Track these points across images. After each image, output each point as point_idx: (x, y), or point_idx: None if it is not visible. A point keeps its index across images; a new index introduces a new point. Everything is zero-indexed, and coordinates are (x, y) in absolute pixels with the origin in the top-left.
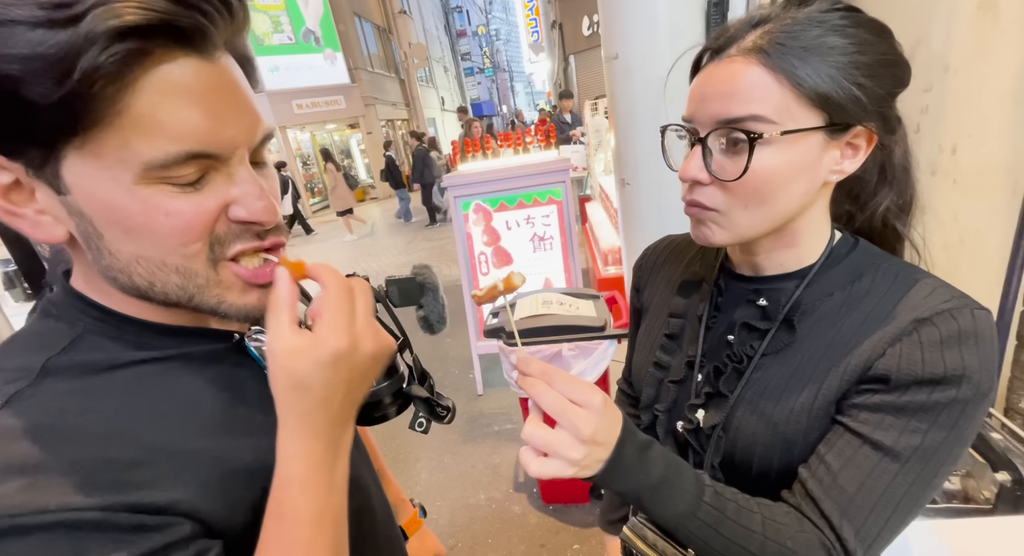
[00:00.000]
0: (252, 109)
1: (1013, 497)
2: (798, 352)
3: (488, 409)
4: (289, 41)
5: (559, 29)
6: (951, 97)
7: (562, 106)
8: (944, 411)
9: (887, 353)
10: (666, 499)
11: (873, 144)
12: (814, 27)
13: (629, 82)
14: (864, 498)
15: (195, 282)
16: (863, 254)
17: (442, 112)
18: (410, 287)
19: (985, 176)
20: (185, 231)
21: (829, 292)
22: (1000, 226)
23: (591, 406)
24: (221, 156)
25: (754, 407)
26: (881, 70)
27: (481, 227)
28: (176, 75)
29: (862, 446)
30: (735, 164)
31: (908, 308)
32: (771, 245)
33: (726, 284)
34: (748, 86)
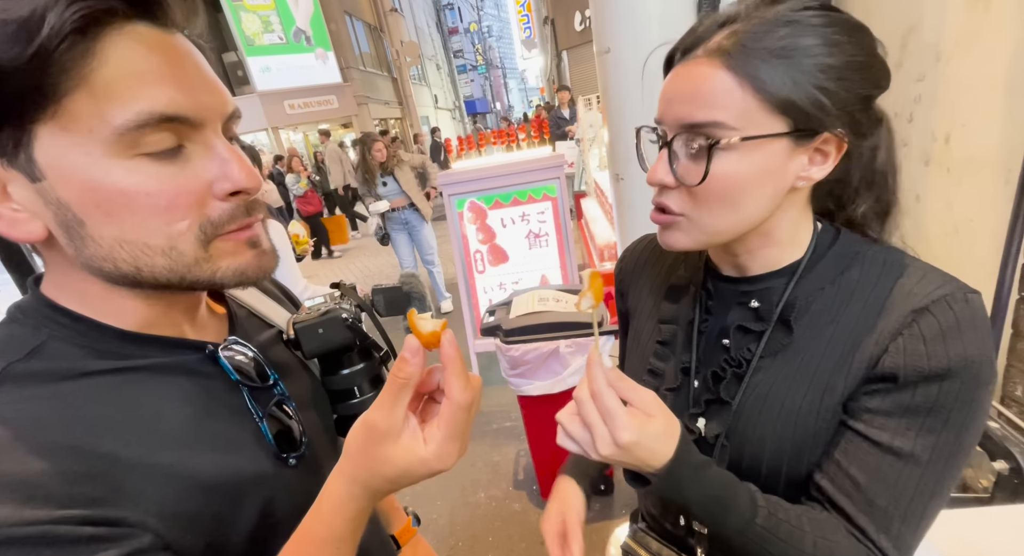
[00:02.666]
0: (218, 83)
1: (1011, 485)
2: (798, 352)
3: (486, 407)
4: (280, 41)
5: (551, 25)
6: (943, 86)
7: (560, 99)
8: (954, 406)
9: (890, 349)
10: (718, 515)
11: (843, 150)
12: (782, 27)
13: (621, 76)
14: (895, 508)
15: (182, 262)
16: (846, 243)
17: (436, 110)
18: (397, 296)
19: (978, 165)
20: (169, 208)
21: (820, 286)
22: (993, 215)
23: (641, 417)
24: (193, 120)
25: (758, 413)
26: (850, 73)
27: (476, 225)
28: (139, 41)
29: (883, 455)
30: (698, 169)
31: (902, 296)
32: (748, 246)
33: (714, 286)
34: (710, 90)
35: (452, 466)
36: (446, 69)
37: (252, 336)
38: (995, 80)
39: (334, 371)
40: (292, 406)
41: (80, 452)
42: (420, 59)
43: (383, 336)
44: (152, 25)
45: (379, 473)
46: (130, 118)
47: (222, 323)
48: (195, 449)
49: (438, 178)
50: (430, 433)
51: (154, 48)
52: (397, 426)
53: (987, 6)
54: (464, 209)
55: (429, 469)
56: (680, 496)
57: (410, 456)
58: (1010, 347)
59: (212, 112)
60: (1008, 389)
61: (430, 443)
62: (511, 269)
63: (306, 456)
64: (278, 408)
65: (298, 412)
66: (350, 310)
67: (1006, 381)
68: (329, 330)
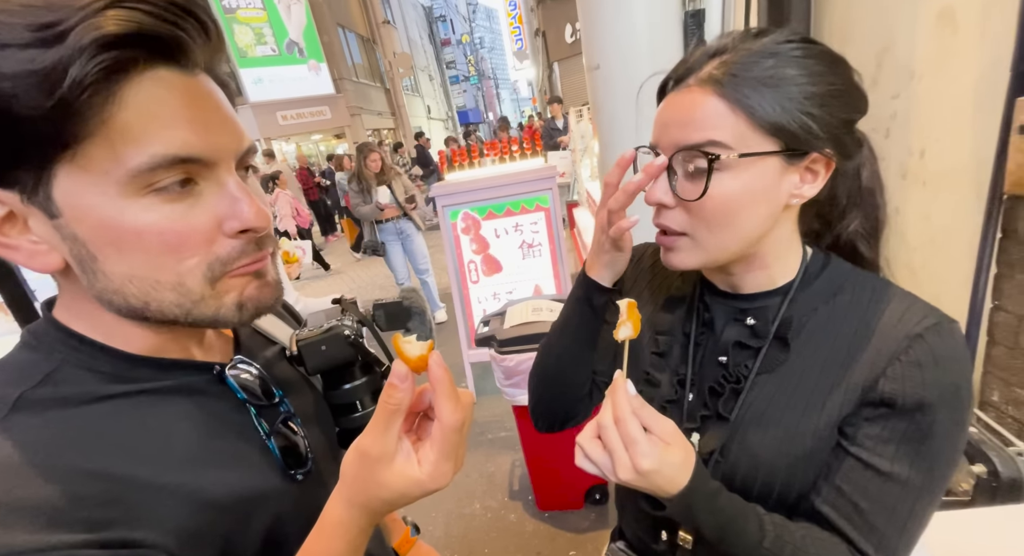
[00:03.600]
0: (235, 121)
1: (989, 488)
2: (794, 370)
3: (481, 417)
4: (272, 53)
5: (542, 37)
6: (917, 103)
7: (552, 111)
8: (944, 432)
9: (888, 373)
10: (729, 539)
11: (831, 169)
12: (768, 58)
13: (611, 91)
14: (893, 529)
15: (190, 298)
16: (837, 269)
17: (428, 120)
18: (397, 311)
19: (952, 178)
20: (179, 246)
21: (813, 307)
22: (968, 226)
23: (661, 446)
24: (206, 160)
25: (755, 430)
26: (832, 100)
27: (470, 235)
28: (159, 85)
29: (884, 482)
30: (697, 187)
31: (893, 321)
32: (743, 268)
33: (711, 301)
34: (704, 115)
35: (448, 484)
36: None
37: (257, 354)
38: (964, 98)
39: (336, 386)
40: (297, 422)
41: (95, 476)
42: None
43: (384, 351)
44: (174, 68)
45: (376, 496)
46: (144, 161)
47: (228, 342)
48: (206, 469)
49: (432, 189)
50: (424, 454)
51: (173, 91)
52: (390, 451)
53: (954, 29)
54: (458, 220)
55: (425, 490)
56: (693, 521)
57: (405, 479)
58: (986, 354)
59: (225, 151)
60: (986, 395)
61: (424, 464)
62: (505, 279)
63: (312, 471)
64: (284, 425)
65: (303, 428)
66: (352, 326)
67: (983, 387)
68: (332, 346)
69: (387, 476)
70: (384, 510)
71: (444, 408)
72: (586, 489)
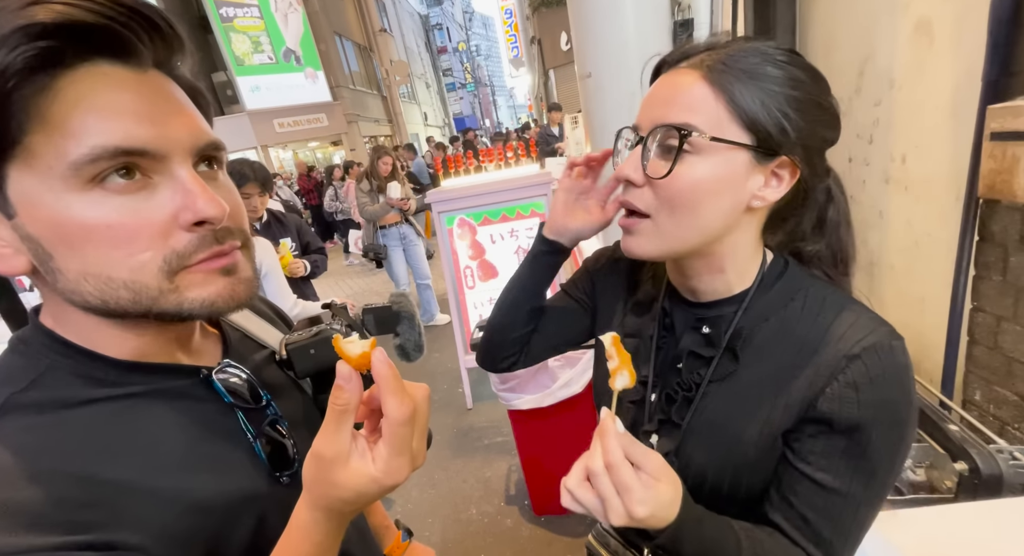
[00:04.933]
0: (191, 116)
1: (971, 485)
2: (742, 380)
3: (478, 423)
4: (269, 61)
5: (538, 44)
6: (898, 110)
7: (550, 118)
8: (883, 447)
9: (826, 392)
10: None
11: (796, 177)
12: (756, 56)
13: (602, 99)
14: (838, 537)
15: (147, 294)
16: (792, 277)
17: (425, 127)
18: (387, 316)
19: (932, 183)
20: (130, 241)
21: (765, 317)
22: (948, 230)
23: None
24: (153, 152)
25: (704, 437)
26: (811, 108)
27: (466, 241)
28: (99, 79)
29: (828, 495)
30: (666, 165)
31: (835, 338)
32: (700, 269)
33: (672, 307)
34: (688, 95)
35: (405, 479)
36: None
37: (246, 357)
38: (942, 105)
39: (326, 389)
40: (285, 425)
41: (80, 479)
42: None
43: None
44: (118, 64)
45: (335, 497)
46: (84, 152)
47: (216, 346)
48: (192, 472)
49: (428, 195)
50: (377, 452)
51: (116, 85)
52: (344, 451)
53: (931, 40)
54: (454, 226)
55: (382, 486)
56: (679, 549)
57: (361, 477)
58: (967, 354)
59: (177, 145)
60: (968, 394)
61: (377, 462)
62: (501, 284)
63: (298, 474)
64: (272, 428)
65: (291, 431)
66: (340, 330)
67: (965, 386)
68: (320, 351)
69: (343, 476)
70: (348, 510)
71: (389, 403)
72: None
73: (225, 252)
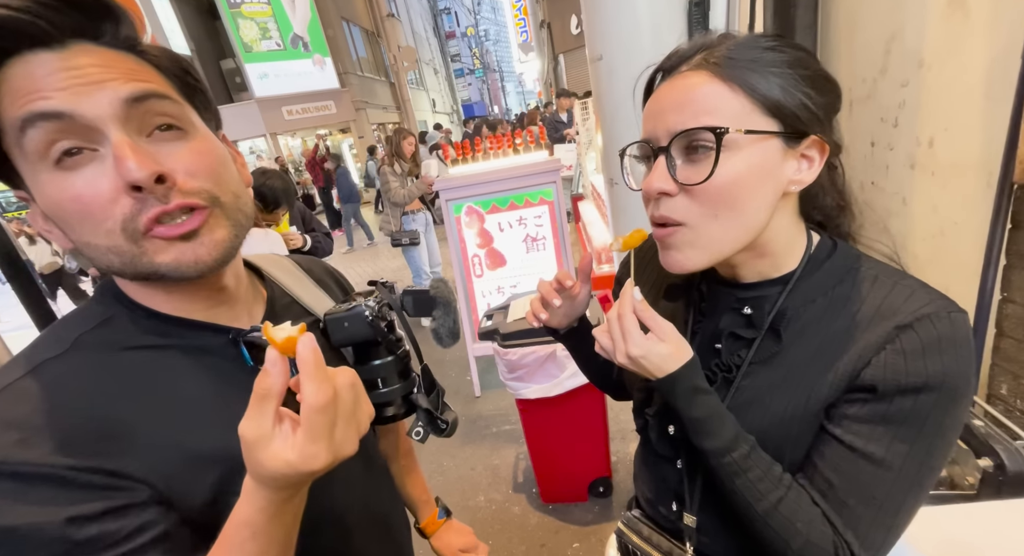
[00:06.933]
0: (113, 74)
1: (995, 482)
2: (785, 360)
3: (486, 411)
4: (277, 47)
5: (547, 28)
6: (926, 92)
7: (559, 104)
8: (928, 417)
9: (873, 362)
10: (700, 434)
11: (826, 155)
12: (754, 46)
13: (614, 83)
14: (864, 509)
15: (126, 257)
16: (842, 258)
17: (433, 114)
18: (424, 299)
19: (961, 169)
20: (90, 211)
21: (812, 298)
22: (977, 217)
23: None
24: (78, 117)
25: (743, 416)
26: (823, 82)
27: (474, 229)
28: (29, 65)
29: (857, 459)
30: (699, 170)
31: (889, 313)
32: (745, 258)
33: (709, 288)
34: (702, 95)
35: (324, 466)
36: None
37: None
38: (974, 86)
39: (364, 362)
40: None
41: (108, 416)
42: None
43: (408, 334)
44: (43, 50)
45: (260, 474)
46: (15, 126)
47: (262, 309)
48: (203, 424)
49: (436, 183)
50: (295, 438)
51: (39, 66)
52: (266, 434)
53: (965, 15)
54: (462, 214)
55: (299, 471)
56: (673, 405)
57: (279, 461)
58: (994, 346)
59: (100, 106)
60: (993, 387)
61: (294, 447)
62: (509, 273)
63: None
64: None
65: None
66: (374, 307)
67: (991, 379)
68: (353, 324)
69: (264, 457)
70: (281, 485)
71: (306, 388)
72: (590, 482)
73: (171, 212)
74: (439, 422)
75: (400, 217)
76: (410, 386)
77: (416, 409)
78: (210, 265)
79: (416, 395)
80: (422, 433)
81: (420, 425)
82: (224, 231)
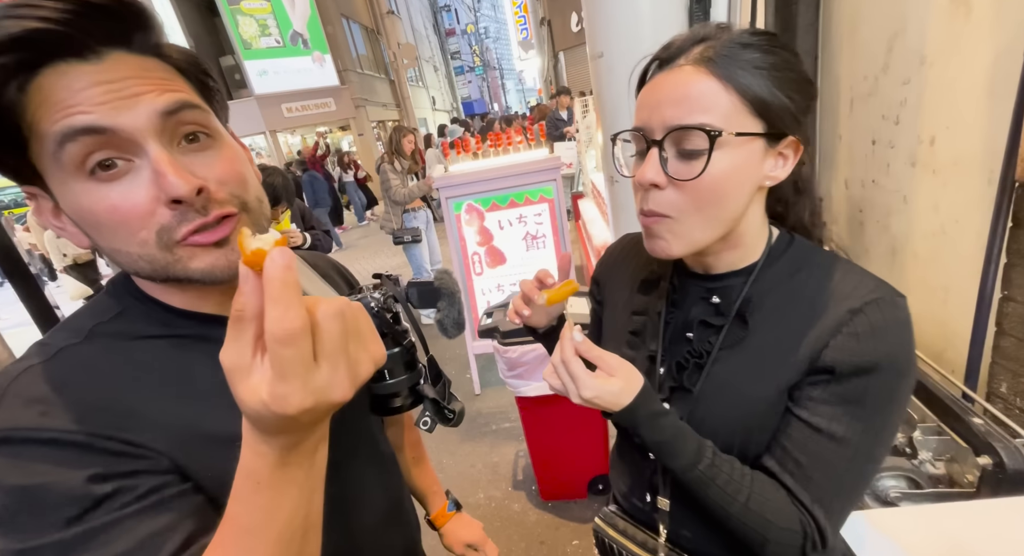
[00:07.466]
0: (148, 87)
1: (995, 480)
2: (752, 344)
3: (486, 408)
4: (277, 44)
5: (548, 26)
6: (928, 89)
7: (559, 102)
8: (879, 394)
9: (831, 344)
10: (666, 456)
11: (800, 154)
12: (748, 47)
13: (614, 80)
14: (828, 482)
15: (159, 264)
16: (798, 250)
17: (433, 111)
18: (429, 290)
19: (962, 166)
20: (126, 222)
21: (773, 287)
22: (978, 215)
23: (600, 379)
24: (119, 131)
25: (715, 400)
26: (805, 86)
27: (474, 227)
28: (63, 76)
29: (821, 439)
30: (691, 167)
31: (842, 298)
32: (719, 247)
33: (680, 282)
34: (699, 92)
35: (299, 410)
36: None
37: None
38: (976, 84)
39: None
40: None
41: (125, 396)
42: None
43: (414, 326)
44: (77, 61)
45: (245, 412)
46: (52, 140)
47: None
48: (215, 407)
49: (436, 181)
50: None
51: (75, 78)
52: (244, 364)
53: (968, 12)
54: (461, 211)
55: (273, 413)
56: (636, 434)
57: (253, 397)
58: (994, 344)
59: (139, 120)
60: (993, 386)
61: (263, 383)
62: (509, 271)
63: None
64: None
65: None
66: (379, 300)
67: (991, 378)
68: None
69: (242, 391)
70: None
71: (269, 314)
72: (589, 479)
73: (209, 224)
74: (446, 412)
75: (401, 215)
76: (416, 377)
77: (423, 399)
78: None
79: (423, 386)
80: (429, 423)
81: (427, 415)
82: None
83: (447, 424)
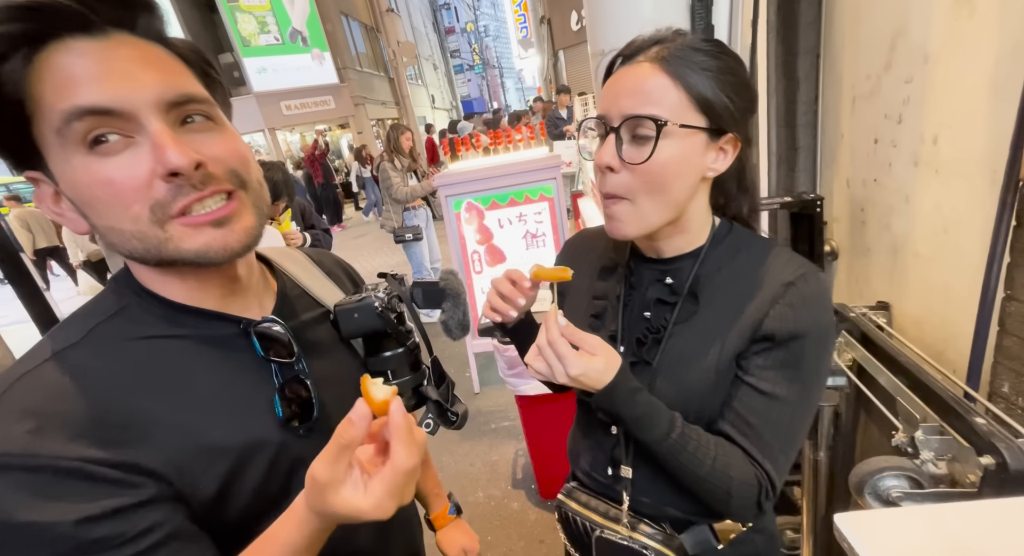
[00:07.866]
0: (157, 72)
1: (997, 480)
2: (703, 318)
3: (485, 407)
4: (276, 42)
5: (547, 24)
6: (931, 88)
7: (559, 101)
8: (810, 357)
9: (770, 313)
10: (643, 429)
11: (738, 150)
12: (697, 51)
13: None
14: (774, 438)
15: (151, 243)
16: (737, 235)
17: (432, 110)
18: (434, 291)
19: (965, 166)
20: (120, 195)
21: (718, 267)
22: (981, 215)
23: (585, 358)
24: (120, 111)
25: (673, 370)
26: (743, 90)
27: (474, 226)
28: (69, 52)
29: (767, 400)
30: (641, 152)
31: (776, 273)
32: (669, 231)
33: (636, 266)
34: (652, 86)
35: (389, 516)
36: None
37: (298, 313)
38: (980, 82)
39: (374, 353)
40: (310, 381)
41: (123, 405)
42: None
43: (418, 326)
44: (83, 36)
45: (322, 512)
46: (58, 117)
47: (272, 300)
48: (214, 414)
49: (436, 179)
50: (372, 487)
51: (82, 55)
52: (338, 479)
53: (972, 11)
54: (461, 210)
55: (366, 518)
56: (615, 410)
57: (348, 506)
58: (997, 344)
59: (142, 101)
60: (995, 385)
61: (370, 496)
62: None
63: (317, 428)
64: (297, 382)
65: (317, 387)
66: (383, 299)
67: (993, 377)
68: (362, 315)
69: (333, 500)
70: (335, 521)
71: (398, 452)
72: None
73: (205, 196)
74: (449, 414)
75: (402, 213)
76: (420, 378)
77: (426, 401)
78: (238, 251)
79: (426, 387)
80: (432, 425)
81: (430, 417)
82: (251, 218)
83: (450, 427)
